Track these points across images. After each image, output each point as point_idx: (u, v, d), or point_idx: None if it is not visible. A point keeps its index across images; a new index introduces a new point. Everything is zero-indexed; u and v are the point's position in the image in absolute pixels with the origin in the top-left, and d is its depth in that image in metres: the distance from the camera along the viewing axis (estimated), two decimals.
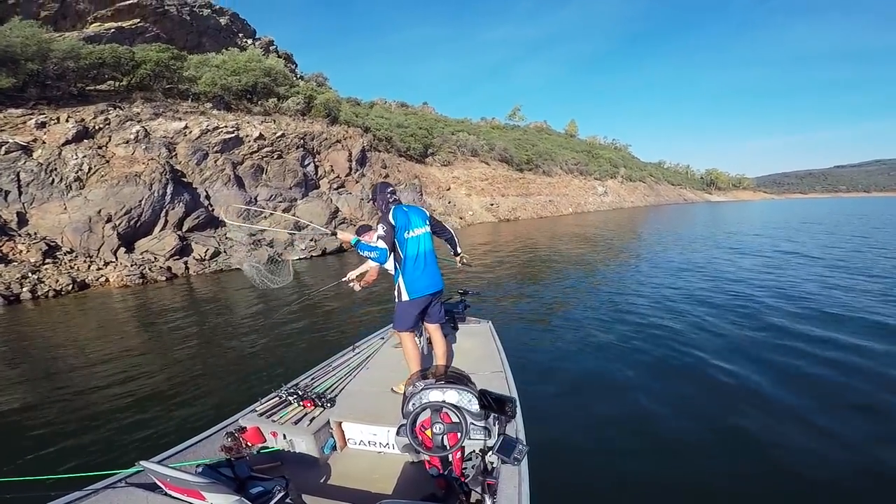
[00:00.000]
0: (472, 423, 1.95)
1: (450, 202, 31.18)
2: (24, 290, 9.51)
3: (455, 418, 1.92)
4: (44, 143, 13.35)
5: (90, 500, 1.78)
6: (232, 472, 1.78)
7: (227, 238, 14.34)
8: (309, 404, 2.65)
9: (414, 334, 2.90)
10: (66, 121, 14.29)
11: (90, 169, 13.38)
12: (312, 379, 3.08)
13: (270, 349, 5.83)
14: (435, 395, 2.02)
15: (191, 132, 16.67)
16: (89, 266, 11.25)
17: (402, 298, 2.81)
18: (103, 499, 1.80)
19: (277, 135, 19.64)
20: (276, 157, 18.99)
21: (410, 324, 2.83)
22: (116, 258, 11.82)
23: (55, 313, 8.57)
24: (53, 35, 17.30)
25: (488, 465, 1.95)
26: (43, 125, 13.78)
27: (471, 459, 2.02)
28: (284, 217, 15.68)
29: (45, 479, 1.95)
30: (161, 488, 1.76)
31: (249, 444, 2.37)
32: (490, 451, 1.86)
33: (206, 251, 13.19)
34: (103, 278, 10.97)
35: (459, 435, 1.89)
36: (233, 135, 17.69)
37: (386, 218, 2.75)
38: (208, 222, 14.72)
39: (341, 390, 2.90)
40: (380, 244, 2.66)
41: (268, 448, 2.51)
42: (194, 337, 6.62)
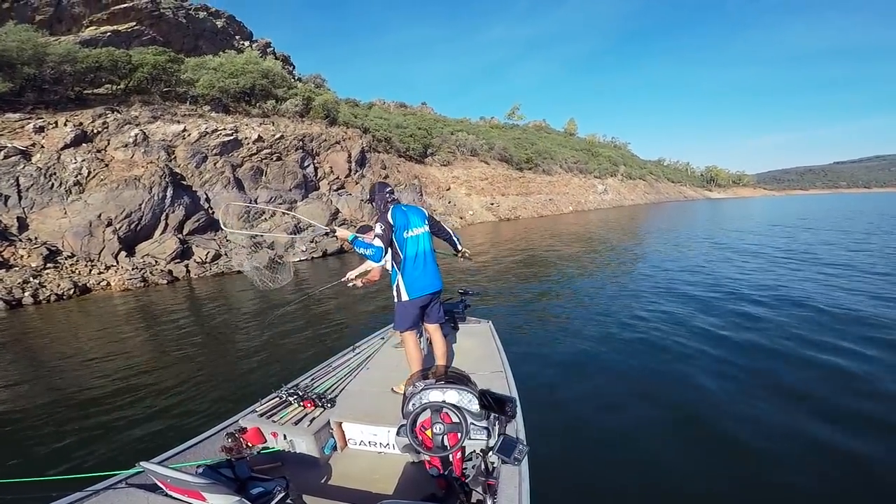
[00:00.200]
0: (473, 424, 1.94)
1: (450, 202, 31.17)
2: (26, 294, 9.52)
3: (455, 418, 1.92)
4: (42, 147, 13.34)
5: (91, 501, 1.78)
6: (232, 473, 1.79)
7: (227, 241, 14.34)
8: (309, 405, 2.65)
9: (415, 334, 2.90)
10: (65, 125, 14.28)
11: (89, 173, 13.38)
12: (313, 379, 3.08)
13: (271, 350, 5.83)
14: (435, 396, 2.02)
15: (189, 135, 16.67)
16: (90, 270, 11.26)
17: (401, 298, 2.81)
18: (104, 499, 1.80)
19: (276, 137, 19.63)
20: (275, 158, 18.98)
21: (410, 323, 2.83)
22: (117, 262, 11.83)
23: (57, 317, 8.59)
24: (49, 39, 17.27)
25: (489, 466, 1.95)
26: (41, 129, 13.78)
27: (471, 459, 2.02)
28: (285, 216, 15.69)
29: (45, 480, 1.95)
30: (161, 489, 1.76)
31: (250, 445, 2.37)
32: (490, 451, 1.86)
33: (206, 254, 13.19)
34: (105, 282, 10.98)
35: (460, 435, 1.88)
36: (232, 137, 17.69)
37: (384, 217, 2.75)
38: (208, 225, 14.72)
39: (341, 391, 2.90)
40: (376, 242, 2.66)
41: (268, 448, 2.51)
42: (195, 338, 6.63)
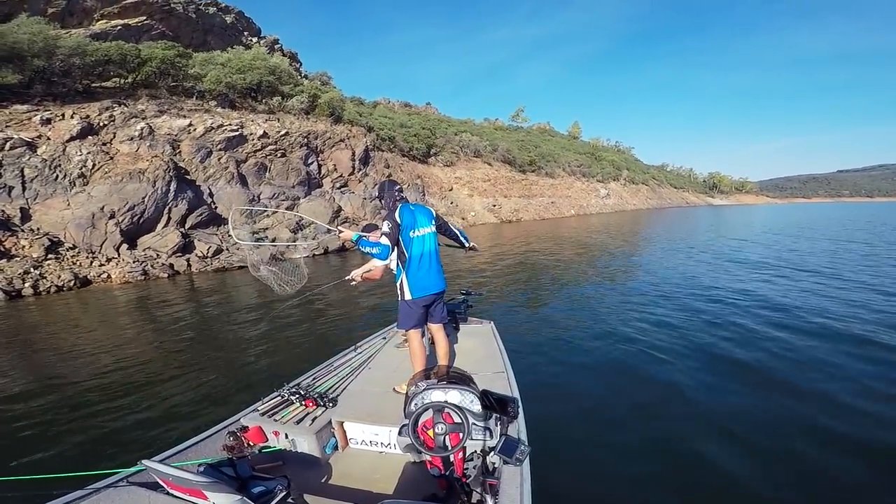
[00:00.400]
0: (474, 424, 1.94)
1: (452, 203, 31.18)
2: (26, 285, 9.55)
3: (457, 419, 1.91)
4: (48, 139, 13.39)
5: (92, 499, 1.78)
6: (234, 472, 1.78)
7: (229, 236, 14.37)
8: (311, 404, 2.64)
9: (420, 333, 2.90)
10: (71, 117, 14.33)
11: (94, 165, 13.42)
12: (314, 378, 3.07)
13: (272, 348, 5.83)
14: (437, 396, 2.01)
15: (195, 130, 16.71)
16: (91, 262, 11.29)
17: (404, 297, 2.81)
18: (105, 498, 1.80)
19: (281, 133, 19.67)
20: (279, 155, 19.02)
21: (414, 322, 2.83)
22: (119, 254, 11.87)
23: (57, 309, 8.60)
24: (60, 32, 17.42)
25: (490, 466, 1.94)
26: (48, 121, 13.83)
27: (472, 460, 2.01)
28: (287, 214, 15.70)
29: (46, 478, 1.95)
30: (163, 487, 1.76)
31: (251, 444, 2.37)
32: (492, 451, 1.86)
33: (208, 248, 13.22)
34: (105, 274, 11.00)
35: (461, 435, 1.88)
36: (237, 133, 17.73)
37: (392, 216, 2.75)
38: (211, 220, 14.75)
39: (343, 390, 2.90)
40: (383, 240, 2.65)
41: (269, 447, 2.51)
42: (196, 335, 6.63)
